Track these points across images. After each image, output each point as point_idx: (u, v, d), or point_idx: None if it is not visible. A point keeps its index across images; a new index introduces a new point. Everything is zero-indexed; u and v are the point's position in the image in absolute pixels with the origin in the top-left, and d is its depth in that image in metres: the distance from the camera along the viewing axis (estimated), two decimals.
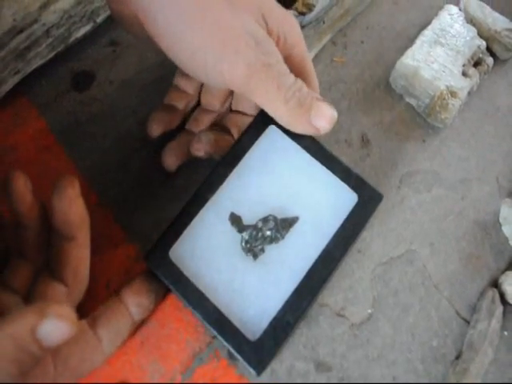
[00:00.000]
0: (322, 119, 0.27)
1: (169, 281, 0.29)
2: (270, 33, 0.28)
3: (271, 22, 0.27)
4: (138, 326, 0.31)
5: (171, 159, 0.34)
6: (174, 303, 0.32)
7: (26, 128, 0.38)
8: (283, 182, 0.30)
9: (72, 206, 0.27)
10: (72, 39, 0.39)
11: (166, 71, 0.41)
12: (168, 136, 0.35)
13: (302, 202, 0.30)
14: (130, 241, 0.34)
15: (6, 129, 0.38)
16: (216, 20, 0.26)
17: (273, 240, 0.29)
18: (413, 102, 0.42)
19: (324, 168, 0.30)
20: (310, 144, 0.30)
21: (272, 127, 0.30)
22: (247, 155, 0.30)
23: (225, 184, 0.30)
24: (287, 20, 0.29)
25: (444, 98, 0.40)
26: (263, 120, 0.30)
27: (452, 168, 0.39)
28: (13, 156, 0.37)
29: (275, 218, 0.29)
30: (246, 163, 0.30)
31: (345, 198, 0.29)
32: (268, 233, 0.29)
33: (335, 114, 0.28)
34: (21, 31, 0.35)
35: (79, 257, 0.29)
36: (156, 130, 0.34)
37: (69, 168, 0.36)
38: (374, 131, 0.40)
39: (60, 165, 0.36)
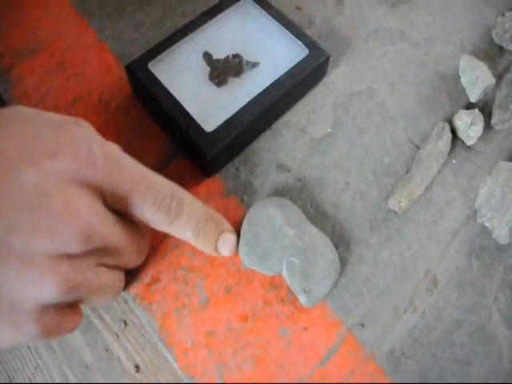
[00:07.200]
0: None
1: (146, 82, 0.34)
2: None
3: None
4: None
5: None
6: None
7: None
8: (252, 36, 0.37)
9: None
10: None
11: None
12: None
13: (264, 52, 0.36)
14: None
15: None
16: None
17: (236, 73, 0.35)
18: None
19: (285, 30, 0.37)
20: (277, 13, 0.38)
21: None
22: (225, 12, 0.38)
23: (204, 27, 0.37)
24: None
25: None
26: None
27: (418, 29, 0.43)
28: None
29: (241, 57, 0.36)
30: (224, 17, 0.38)
31: (297, 51, 0.36)
32: (233, 65, 0.35)
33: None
34: None
35: None
36: None
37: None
38: None
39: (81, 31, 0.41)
